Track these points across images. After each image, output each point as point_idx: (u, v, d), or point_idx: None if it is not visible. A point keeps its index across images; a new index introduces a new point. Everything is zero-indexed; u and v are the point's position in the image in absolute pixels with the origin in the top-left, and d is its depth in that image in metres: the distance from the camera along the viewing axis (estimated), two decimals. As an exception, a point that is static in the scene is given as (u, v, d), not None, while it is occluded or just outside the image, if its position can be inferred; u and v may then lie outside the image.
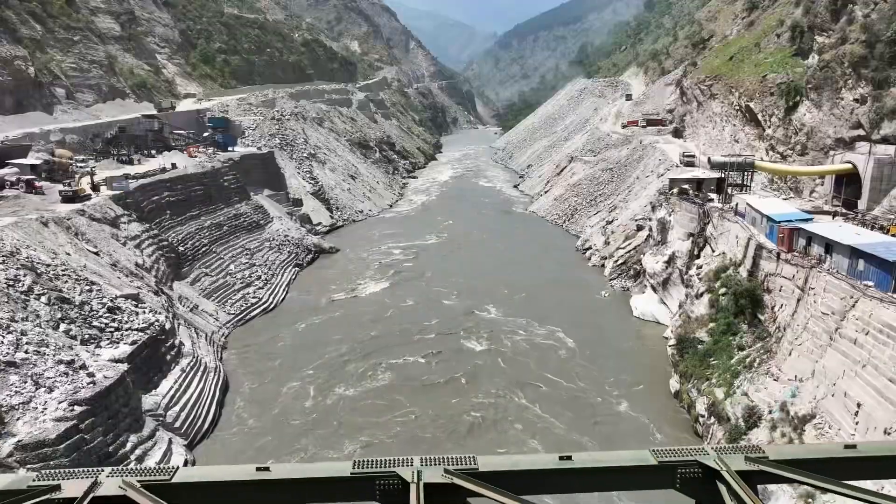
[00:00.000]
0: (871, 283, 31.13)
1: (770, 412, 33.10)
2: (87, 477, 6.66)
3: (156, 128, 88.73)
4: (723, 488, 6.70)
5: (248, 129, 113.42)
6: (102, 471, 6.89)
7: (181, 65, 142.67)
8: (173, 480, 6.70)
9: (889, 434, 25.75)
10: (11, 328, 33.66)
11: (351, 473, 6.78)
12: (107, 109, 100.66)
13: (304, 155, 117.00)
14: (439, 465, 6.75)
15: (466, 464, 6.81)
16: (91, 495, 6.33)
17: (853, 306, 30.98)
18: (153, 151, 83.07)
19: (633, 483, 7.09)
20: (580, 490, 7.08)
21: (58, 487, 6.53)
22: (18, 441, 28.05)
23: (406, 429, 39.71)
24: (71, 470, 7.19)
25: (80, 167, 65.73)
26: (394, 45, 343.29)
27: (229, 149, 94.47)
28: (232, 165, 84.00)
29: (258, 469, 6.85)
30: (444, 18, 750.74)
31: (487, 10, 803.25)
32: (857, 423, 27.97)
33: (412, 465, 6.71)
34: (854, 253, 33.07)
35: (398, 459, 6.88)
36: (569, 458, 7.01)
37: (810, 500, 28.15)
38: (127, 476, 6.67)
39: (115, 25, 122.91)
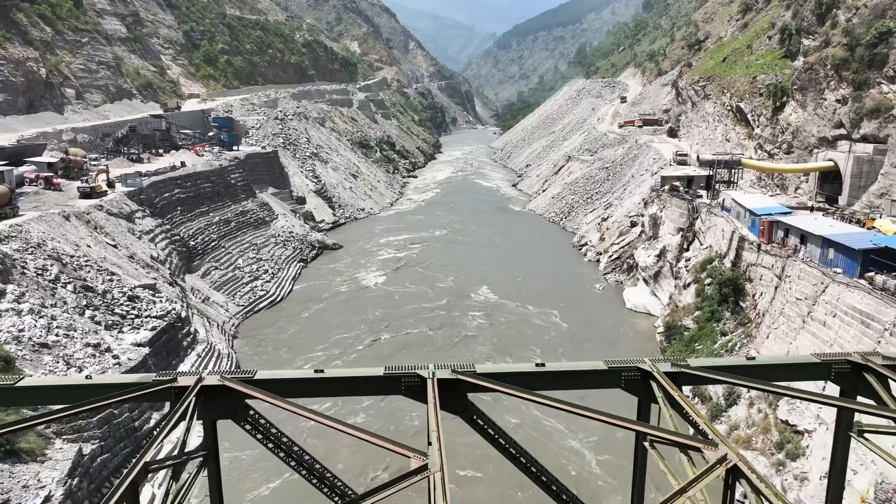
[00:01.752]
0: (839, 270, 33.65)
1: (748, 391, 35.61)
2: (194, 375, 9.25)
3: (163, 127, 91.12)
4: (654, 385, 9.33)
5: (251, 128, 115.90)
6: (203, 372, 9.45)
7: (185, 65, 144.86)
8: (255, 378, 9.30)
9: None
10: (43, 313, 36.13)
11: (383, 374, 9.39)
12: (114, 109, 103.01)
13: (307, 154, 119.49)
14: (448, 368, 9.33)
15: (468, 368, 9.38)
16: (200, 384, 8.93)
17: (823, 291, 33.52)
18: (161, 150, 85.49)
19: (589, 383, 9.71)
20: (550, 388, 9.67)
21: (175, 380, 9.14)
22: (55, 414, 30.51)
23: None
24: (180, 371, 9.75)
25: (94, 165, 68.14)
26: (393, 46, 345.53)
27: (234, 148, 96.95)
28: (238, 164, 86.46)
29: (315, 371, 9.46)
30: (443, 19, 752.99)
31: (486, 10, 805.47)
32: (824, 398, 30.51)
33: (429, 368, 9.30)
34: (825, 243, 35.62)
35: (417, 365, 9.45)
36: (542, 365, 9.64)
37: (781, 467, 30.71)
38: (222, 374, 9.25)
39: (121, 27, 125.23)
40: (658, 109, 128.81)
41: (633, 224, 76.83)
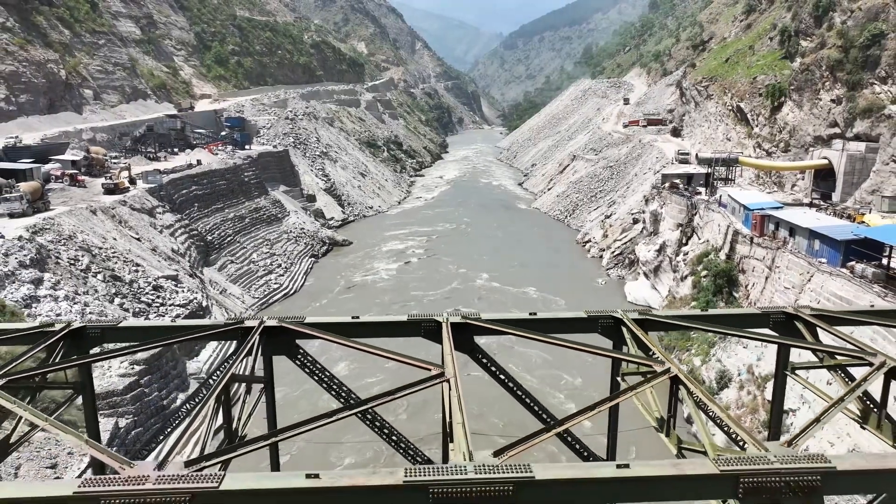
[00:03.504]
0: (824, 260, 35.74)
1: (739, 374, 37.78)
2: (257, 318, 11.57)
3: (178, 127, 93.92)
4: (625, 330, 11.54)
5: (263, 128, 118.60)
6: (264, 318, 11.75)
7: (197, 66, 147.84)
8: (305, 321, 11.60)
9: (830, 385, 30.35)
10: (76, 300, 38.67)
11: (407, 319, 11.67)
12: (130, 109, 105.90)
13: (317, 153, 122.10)
14: (458, 314, 11.59)
15: (475, 315, 11.64)
16: (263, 325, 11.25)
17: (809, 280, 35.61)
18: (176, 149, 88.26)
19: (571, 328, 11.99)
20: (540, 330, 11.91)
21: (242, 322, 11.48)
22: (92, 391, 33.02)
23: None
24: (246, 316, 12.11)
25: (115, 163, 70.88)
26: (400, 46, 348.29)
27: (246, 147, 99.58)
28: (251, 162, 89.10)
29: (353, 317, 11.75)
30: (449, 19, 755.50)
31: (493, 10, 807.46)
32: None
33: (443, 315, 11.57)
34: (812, 234, 37.72)
35: (434, 313, 11.72)
36: (535, 314, 11.88)
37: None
38: (280, 318, 11.56)
39: (136, 29, 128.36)
40: (662, 109, 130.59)
41: (636, 221, 78.89)
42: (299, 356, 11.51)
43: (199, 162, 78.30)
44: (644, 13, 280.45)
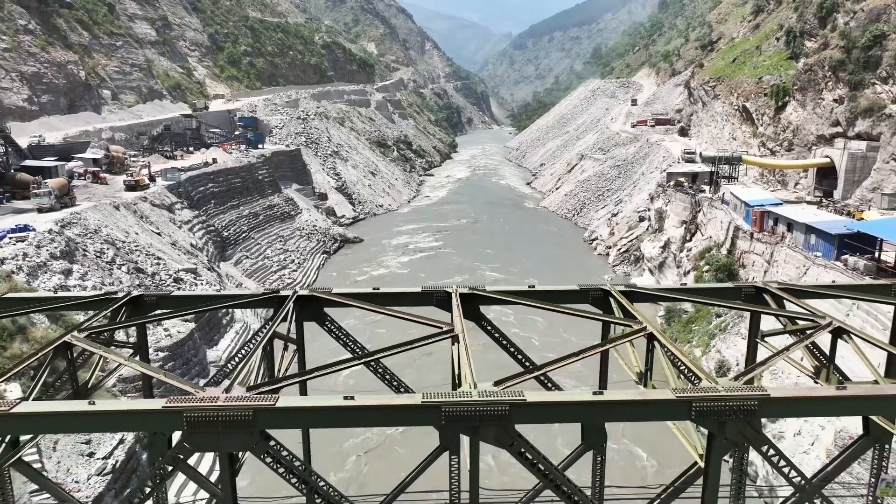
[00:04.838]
0: (819, 254, 37.06)
1: (736, 364, 39.14)
2: (291, 289, 13.24)
3: (193, 126, 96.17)
4: (612, 300, 13.13)
5: (275, 128, 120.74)
6: (297, 288, 13.40)
7: (210, 67, 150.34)
8: (333, 291, 13.26)
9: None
10: (103, 290, 40.61)
11: (421, 290, 13.31)
12: (146, 109, 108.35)
13: (328, 152, 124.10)
14: (466, 287, 13.23)
15: (481, 287, 13.27)
16: (296, 294, 12.94)
17: (805, 273, 36.94)
18: (191, 148, 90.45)
19: (564, 299, 13.62)
20: (536, 300, 13.50)
21: (277, 292, 13.18)
22: (120, 375, 34.89)
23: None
24: (281, 287, 13.82)
25: (133, 161, 73.10)
26: (410, 47, 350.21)
27: (259, 146, 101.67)
28: (264, 161, 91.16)
29: (374, 288, 13.42)
30: (459, 19, 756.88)
31: (502, 10, 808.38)
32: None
33: (453, 287, 13.20)
34: (808, 229, 39.05)
35: (445, 284, 13.36)
36: (533, 286, 13.50)
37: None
38: (311, 289, 13.22)
39: (151, 31, 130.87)
40: (671, 109, 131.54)
41: (641, 219, 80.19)
42: (327, 322, 13.16)
43: (214, 160, 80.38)
44: (654, 13, 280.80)
